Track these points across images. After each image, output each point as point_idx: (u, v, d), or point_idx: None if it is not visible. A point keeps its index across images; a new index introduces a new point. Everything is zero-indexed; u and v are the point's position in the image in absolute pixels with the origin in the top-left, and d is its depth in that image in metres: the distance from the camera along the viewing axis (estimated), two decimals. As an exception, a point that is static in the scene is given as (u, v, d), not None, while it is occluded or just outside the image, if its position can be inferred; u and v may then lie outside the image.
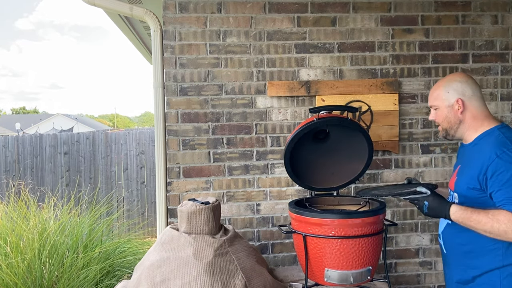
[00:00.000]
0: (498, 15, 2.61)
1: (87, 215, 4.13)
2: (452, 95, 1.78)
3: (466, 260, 1.77)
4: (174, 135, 2.46)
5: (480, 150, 1.72)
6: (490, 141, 1.70)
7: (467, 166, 1.77)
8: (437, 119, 1.85)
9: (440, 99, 1.82)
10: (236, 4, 2.46)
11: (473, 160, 1.73)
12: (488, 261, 1.70)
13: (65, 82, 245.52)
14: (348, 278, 1.85)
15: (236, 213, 2.51)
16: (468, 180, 1.72)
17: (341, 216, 1.82)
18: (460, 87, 1.78)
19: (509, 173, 1.60)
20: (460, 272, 1.80)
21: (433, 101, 1.85)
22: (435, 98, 1.84)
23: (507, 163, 1.61)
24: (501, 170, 1.61)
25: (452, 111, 1.79)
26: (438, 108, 1.83)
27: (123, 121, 57.52)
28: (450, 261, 1.86)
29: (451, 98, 1.78)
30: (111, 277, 3.61)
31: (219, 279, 1.75)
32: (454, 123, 1.80)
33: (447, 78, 1.84)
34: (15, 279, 3.13)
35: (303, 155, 2.19)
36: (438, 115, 1.84)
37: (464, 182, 1.75)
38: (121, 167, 7.71)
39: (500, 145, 1.65)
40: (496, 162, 1.62)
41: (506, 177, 1.60)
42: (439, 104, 1.82)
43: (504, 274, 1.68)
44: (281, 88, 2.47)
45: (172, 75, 2.45)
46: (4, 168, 7.77)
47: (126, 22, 3.89)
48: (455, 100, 1.77)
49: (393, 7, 2.55)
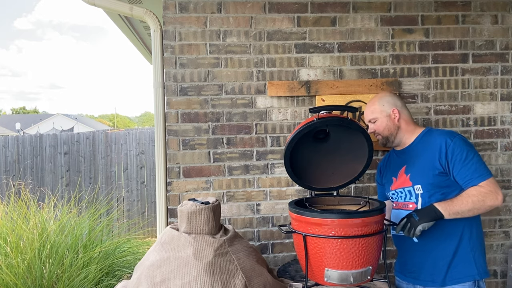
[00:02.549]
0: (498, 15, 2.61)
1: (87, 215, 4.13)
2: (387, 106, 2.08)
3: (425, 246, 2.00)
4: (174, 135, 2.46)
5: (426, 143, 1.99)
6: (434, 135, 1.99)
7: (417, 160, 2.00)
8: (378, 129, 2.09)
9: (377, 112, 2.08)
10: (236, 4, 2.46)
11: (423, 153, 1.98)
12: (450, 242, 1.96)
13: (65, 82, 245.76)
14: (348, 278, 1.85)
15: (236, 213, 2.51)
16: (428, 167, 1.94)
17: (341, 216, 1.82)
18: (392, 99, 2.10)
19: (465, 152, 1.87)
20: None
21: (371, 115, 2.11)
22: (373, 112, 2.10)
23: (461, 145, 1.89)
24: (458, 152, 1.88)
25: (390, 119, 2.07)
26: (377, 119, 2.08)
27: (123, 121, 57.51)
28: (418, 248, 2.04)
29: (387, 109, 2.07)
30: (111, 277, 3.61)
31: (219, 279, 1.75)
32: (393, 130, 2.07)
33: (378, 96, 2.13)
34: (15, 279, 3.13)
35: (303, 155, 2.19)
36: (378, 126, 2.09)
37: (425, 170, 1.95)
38: (121, 167, 7.71)
39: (447, 134, 1.95)
40: (452, 147, 1.89)
41: (463, 157, 1.87)
42: (378, 116, 2.08)
43: None
44: (281, 88, 2.47)
45: (172, 75, 2.45)
46: (4, 168, 7.78)
47: (126, 22, 3.89)
48: (391, 110, 2.07)
49: (393, 7, 2.55)
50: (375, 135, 2.15)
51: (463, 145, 1.90)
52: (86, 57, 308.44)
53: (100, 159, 7.70)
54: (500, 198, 1.85)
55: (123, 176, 7.67)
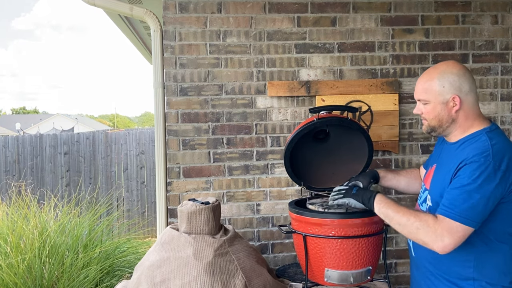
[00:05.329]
0: (498, 15, 2.61)
1: (87, 215, 4.13)
2: (448, 90, 1.54)
3: (434, 267, 1.62)
4: (174, 135, 2.46)
5: (461, 152, 1.55)
6: (474, 145, 1.53)
7: (445, 168, 1.60)
8: (426, 115, 1.61)
9: (432, 93, 1.56)
10: (236, 4, 2.46)
11: (451, 163, 1.55)
12: (458, 269, 1.56)
13: (65, 82, 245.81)
14: (348, 278, 1.85)
15: (236, 213, 2.51)
16: (442, 185, 1.56)
17: (341, 216, 1.82)
18: (458, 81, 1.54)
19: (469, 181, 1.43)
20: (429, 280, 1.66)
21: (423, 95, 1.59)
22: (426, 90, 1.58)
23: (474, 172, 1.43)
24: (464, 175, 1.46)
25: (446, 108, 1.56)
26: (428, 102, 1.58)
27: (123, 121, 57.48)
28: (419, 265, 1.72)
29: (446, 94, 1.54)
30: (111, 277, 3.61)
31: (219, 279, 1.75)
32: (445, 122, 1.58)
33: (441, 68, 1.58)
34: (15, 279, 3.13)
35: (303, 155, 2.19)
36: (428, 111, 1.59)
37: (439, 187, 1.59)
38: (121, 167, 7.71)
39: (479, 152, 1.47)
40: (465, 169, 1.46)
41: (463, 183, 1.45)
42: (431, 98, 1.57)
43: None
44: (281, 88, 2.47)
45: (172, 75, 2.45)
46: (4, 168, 7.78)
47: (126, 22, 3.89)
48: (451, 97, 1.54)
49: (393, 7, 2.55)
50: (421, 117, 1.69)
51: (476, 174, 1.43)
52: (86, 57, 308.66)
53: (100, 159, 7.70)
54: (441, 246, 1.44)
55: (123, 176, 7.67)
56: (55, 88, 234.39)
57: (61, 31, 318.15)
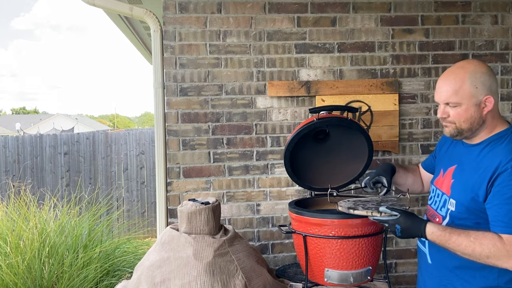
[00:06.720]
0: (498, 15, 2.61)
1: (87, 215, 4.13)
2: (481, 91, 1.45)
3: (455, 275, 1.58)
4: (174, 135, 2.46)
5: (489, 154, 1.48)
6: (502, 145, 1.47)
7: (471, 171, 1.52)
8: (456, 118, 1.50)
9: (466, 95, 1.46)
10: (236, 4, 2.46)
11: (478, 164, 1.49)
12: (481, 277, 1.51)
13: (65, 82, 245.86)
14: (348, 278, 1.85)
15: (236, 213, 2.51)
16: (471, 186, 1.49)
17: (341, 216, 1.82)
18: (488, 80, 1.46)
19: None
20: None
21: (452, 97, 1.48)
22: (457, 92, 1.47)
23: None
24: (506, 183, 1.39)
25: (479, 109, 1.46)
26: (461, 105, 1.47)
27: (123, 121, 57.46)
28: (436, 273, 1.66)
29: (479, 95, 1.45)
30: (111, 277, 3.61)
31: (219, 279, 1.75)
32: (477, 124, 1.49)
33: (469, 68, 1.49)
34: (15, 279, 3.13)
35: (303, 155, 2.19)
36: (460, 114, 1.48)
37: (468, 191, 1.51)
38: (121, 167, 7.71)
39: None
40: (504, 176, 1.39)
41: (509, 194, 1.38)
42: (464, 101, 1.46)
43: None
44: (281, 88, 2.47)
45: (172, 75, 2.45)
46: (4, 168, 7.77)
47: (126, 22, 3.89)
48: (484, 97, 1.45)
49: (393, 7, 2.55)
50: (443, 120, 1.55)
51: None
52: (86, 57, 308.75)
53: (100, 159, 7.70)
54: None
55: (123, 176, 7.66)
56: (55, 88, 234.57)
57: (61, 31, 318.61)
